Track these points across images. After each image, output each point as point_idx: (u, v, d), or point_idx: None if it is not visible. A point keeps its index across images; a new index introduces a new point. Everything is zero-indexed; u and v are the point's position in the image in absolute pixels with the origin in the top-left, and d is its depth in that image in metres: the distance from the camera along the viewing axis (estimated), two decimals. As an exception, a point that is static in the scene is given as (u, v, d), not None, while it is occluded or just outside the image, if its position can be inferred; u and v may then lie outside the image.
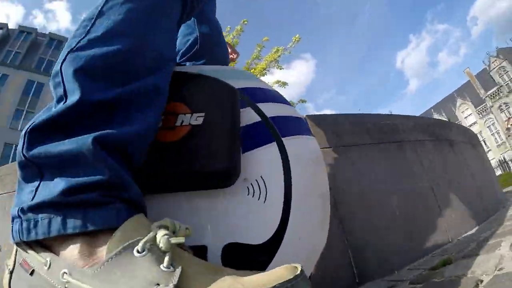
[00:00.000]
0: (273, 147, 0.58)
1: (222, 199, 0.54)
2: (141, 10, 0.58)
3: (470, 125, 51.14)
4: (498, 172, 29.84)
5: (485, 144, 49.58)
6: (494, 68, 49.10)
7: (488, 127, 50.08)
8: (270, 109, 0.63)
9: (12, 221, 0.46)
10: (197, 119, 0.57)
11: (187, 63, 1.12)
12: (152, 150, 0.54)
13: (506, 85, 47.50)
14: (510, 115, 46.75)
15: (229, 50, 1.62)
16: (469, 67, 54.29)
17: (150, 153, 0.53)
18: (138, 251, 0.38)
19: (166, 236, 0.39)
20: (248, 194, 0.54)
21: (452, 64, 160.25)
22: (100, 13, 0.55)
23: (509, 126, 45.97)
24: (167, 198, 0.54)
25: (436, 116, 54.02)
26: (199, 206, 0.54)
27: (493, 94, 48.83)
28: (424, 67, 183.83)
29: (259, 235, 0.53)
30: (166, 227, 0.41)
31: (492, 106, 48.52)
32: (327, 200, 0.67)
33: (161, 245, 0.39)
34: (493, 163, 37.06)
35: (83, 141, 0.44)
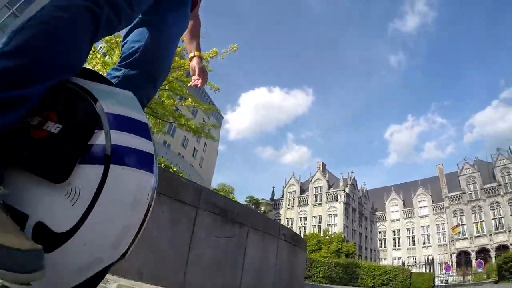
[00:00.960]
0: (99, 168, 0.72)
1: (48, 189, 0.70)
2: (40, 44, 0.74)
3: (422, 216, 52.52)
4: (422, 270, 30.46)
5: (428, 239, 50.90)
6: (464, 175, 50.69)
7: (437, 224, 51.34)
8: (119, 138, 0.75)
9: None
10: (56, 129, 0.73)
11: (122, 69, 1.20)
12: (19, 139, 0.73)
13: (469, 194, 49.00)
14: (461, 223, 48.00)
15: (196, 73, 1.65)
16: (443, 164, 56.17)
17: (18, 140, 0.73)
18: None
19: None
20: (65, 194, 0.70)
21: (434, 156, 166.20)
22: (21, 30, 0.74)
23: (454, 234, 47.17)
24: (16, 178, 0.73)
25: (394, 194, 55.26)
26: (36, 186, 0.71)
27: (454, 197, 50.39)
28: (409, 148, 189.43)
29: (59, 225, 0.69)
30: None
31: (448, 208, 49.92)
32: (129, 230, 0.76)
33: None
34: (422, 260, 38.16)
35: None
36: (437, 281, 38.23)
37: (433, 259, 30.45)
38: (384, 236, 56.15)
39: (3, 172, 0.72)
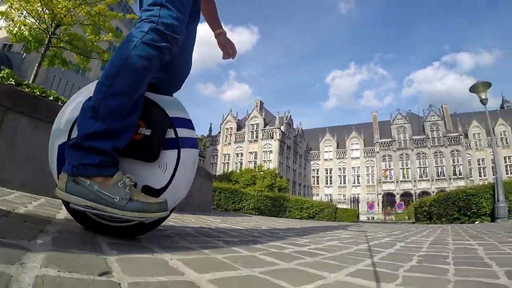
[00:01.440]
0: (175, 151, 1.34)
1: (149, 166, 1.30)
2: (135, 84, 1.20)
3: (353, 158, 56.00)
4: (348, 206, 32.57)
5: (358, 179, 54.96)
6: (396, 124, 54.26)
7: (367, 167, 55.33)
8: (182, 132, 1.36)
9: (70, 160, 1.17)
10: (147, 131, 1.30)
11: (159, 73, 1.51)
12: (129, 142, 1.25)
13: (398, 142, 52.82)
14: (389, 167, 52.52)
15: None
16: (377, 112, 59.24)
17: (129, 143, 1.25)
18: (121, 183, 1.15)
19: (129, 180, 1.17)
20: (158, 168, 1.31)
21: (372, 105, 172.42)
22: (117, 74, 1.18)
23: (383, 177, 51.52)
24: (129, 162, 1.28)
25: (328, 136, 58.26)
26: (140, 167, 1.29)
27: (384, 143, 54.13)
28: (348, 94, 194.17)
29: (157, 185, 1.29)
30: (129, 177, 1.18)
31: (378, 152, 53.68)
32: (191, 181, 1.42)
33: (127, 183, 1.16)
34: (350, 197, 41.23)
35: (105, 146, 1.15)
36: (364, 217, 41.38)
37: (358, 197, 32.68)
38: (317, 174, 59.38)
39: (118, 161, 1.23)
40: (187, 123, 1.40)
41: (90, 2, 13.58)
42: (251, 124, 52.32)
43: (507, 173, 46.78)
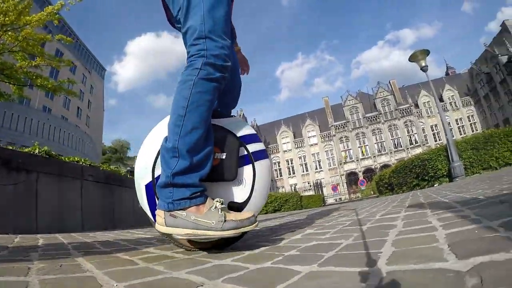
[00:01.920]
0: (250, 166, 1.45)
1: (230, 185, 1.42)
2: (204, 118, 1.32)
3: (312, 145, 56.82)
4: (313, 192, 32.96)
5: (319, 164, 55.78)
6: (347, 106, 55.80)
7: (326, 151, 56.40)
8: (252, 147, 1.48)
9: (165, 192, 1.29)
10: (223, 155, 1.40)
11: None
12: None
13: (352, 122, 54.38)
14: (347, 148, 53.65)
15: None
16: (328, 97, 60.46)
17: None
18: (213, 208, 1.26)
19: (219, 203, 1.27)
20: (238, 184, 1.42)
21: (324, 90, 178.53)
22: (186, 114, 1.29)
23: (344, 159, 52.62)
24: (212, 185, 1.39)
25: (284, 127, 58.80)
26: (224, 187, 1.41)
27: (339, 125, 55.45)
28: (299, 84, 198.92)
29: (240, 199, 1.41)
30: (218, 200, 1.28)
31: (334, 135, 54.96)
32: (268, 188, 1.55)
33: (219, 206, 1.26)
34: (313, 183, 41.83)
35: (193, 179, 1.27)
36: (332, 200, 42.13)
37: (320, 182, 32.91)
38: (279, 166, 59.58)
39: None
40: (254, 138, 1.53)
41: (16, 27, 12.79)
42: None
43: (460, 134, 49.46)
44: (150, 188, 1.40)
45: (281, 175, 59.11)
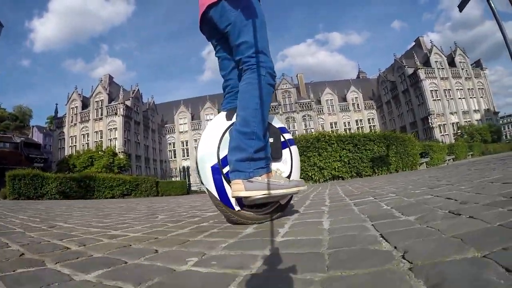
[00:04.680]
0: (287, 149, 1.97)
1: (279, 163, 1.89)
2: (268, 112, 1.76)
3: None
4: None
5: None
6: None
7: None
8: (286, 136, 1.99)
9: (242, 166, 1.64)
10: (272, 140, 1.83)
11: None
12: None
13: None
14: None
15: None
16: None
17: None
18: (278, 174, 1.76)
19: (279, 170, 1.82)
20: (282, 162, 1.91)
21: None
22: (259, 108, 1.68)
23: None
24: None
25: (182, 108, 58.78)
26: (277, 165, 1.87)
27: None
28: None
29: (286, 174, 1.90)
30: (276, 170, 1.80)
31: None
32: (299, 167, 2.07)
33: (280, 173, 1.81)
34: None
35: (266, 154, 1.70)
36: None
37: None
38: (174, 147, 58.61)
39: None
40: (286, 129, 2.03)
41: None
42: (96, 101, 48.62)
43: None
44: (216, 169, 1.71)
45: (175, 157, 58.26)
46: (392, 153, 12.11)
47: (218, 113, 1.91)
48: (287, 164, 1.91)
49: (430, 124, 47.64)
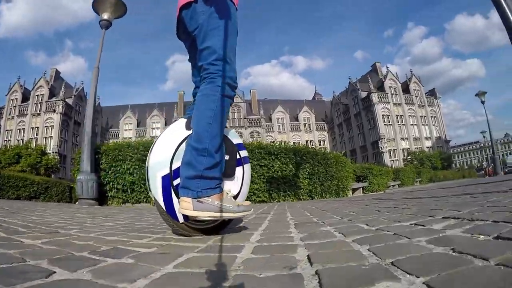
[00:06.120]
0: (241, 167, 1.86)
1: (230, 181, 1.79)
2: (223, 126, 1.66)
3: (153, 136, 52.92)
4: None
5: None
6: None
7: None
8: (242, 153, 1.89)
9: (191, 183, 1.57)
10: (227, 157, 1.77)
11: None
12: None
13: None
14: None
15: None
16: (184, 91, 60.14)
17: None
18: (228, 196, 1.65)
19: (230, 193, 1.71)
20: (234, 180, 1.81)
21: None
22: (212, 122, 1.61)
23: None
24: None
25: (129, 113, 57.10)
26: (228, 183, 1.77)
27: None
28: (183, 79, 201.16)
29: (235, 192, 1.79)
30: (227, 191, 1.69)
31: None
32: (249, 185, 1.95)
33: (230, 195, 1.69)
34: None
35: (218, 173, 1.62)
36: None
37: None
38: (113, 152, 54.56)
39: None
40: (242, 146, 1.94)
41: None
42: (37, 95, 45.00)
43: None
44: (166, 179, 1.66)
45: (116, 162, 53.43)
46: (305, 174, 9.47)
47: (165, 123, 2.65)
48: (238, 182, 1.84)
49: (380, 149, 47.79)
